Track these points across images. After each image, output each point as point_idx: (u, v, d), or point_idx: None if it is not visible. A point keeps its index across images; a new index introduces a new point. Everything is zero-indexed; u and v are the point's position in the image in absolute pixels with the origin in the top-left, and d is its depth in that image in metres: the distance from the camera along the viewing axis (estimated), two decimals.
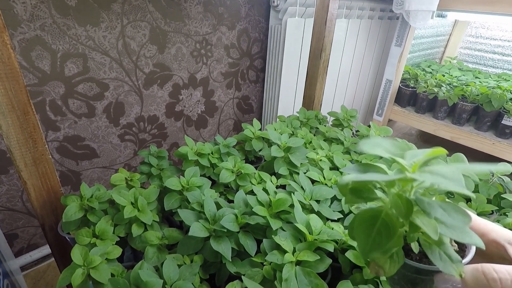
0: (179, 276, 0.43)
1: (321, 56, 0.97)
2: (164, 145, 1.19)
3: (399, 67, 1.61)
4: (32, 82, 0.82)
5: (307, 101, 1.06)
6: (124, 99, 1.01)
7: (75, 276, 0.42)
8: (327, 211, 0.58)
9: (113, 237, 0.51)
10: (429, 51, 1.95)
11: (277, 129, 0.82)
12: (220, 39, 1.15)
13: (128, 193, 0.55)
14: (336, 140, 0.87)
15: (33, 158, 0.53)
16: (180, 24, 1.02)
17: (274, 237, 0.47)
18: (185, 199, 0.58)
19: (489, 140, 1.45)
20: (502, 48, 1.83)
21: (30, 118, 0.51)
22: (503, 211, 0.65)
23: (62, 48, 0.83)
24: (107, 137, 1.02)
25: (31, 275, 0.97)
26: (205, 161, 0.68)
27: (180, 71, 1.10)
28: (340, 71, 1.50)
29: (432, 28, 1.82)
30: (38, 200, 0.56)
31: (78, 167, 1.00)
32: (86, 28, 0.85)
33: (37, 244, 1.01)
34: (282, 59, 1.21)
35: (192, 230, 0.46)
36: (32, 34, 0.78)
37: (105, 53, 0.91)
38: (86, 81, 0.91)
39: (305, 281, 0.42)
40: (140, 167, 0.67)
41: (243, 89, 1.33)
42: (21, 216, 0.94)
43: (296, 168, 0.70)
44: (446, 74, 1.72)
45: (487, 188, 0.69)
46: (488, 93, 1.41)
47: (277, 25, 1.19)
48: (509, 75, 1.71)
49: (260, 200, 0.54)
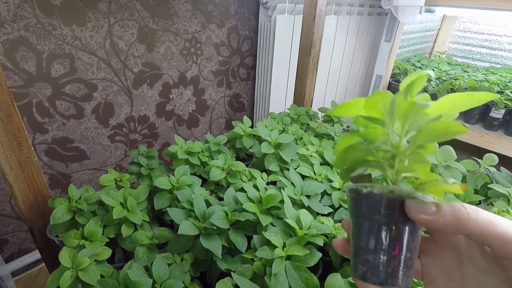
0: (169, 275, 0.43)
1: (310, 53, 0.97)
2: (156, 145, 1.18)
3: (389, 63, 1.62)
4: (17, 84, 0.81)
5: (297, 98, 1.06)
6: (113, 99, 1.00)
7: (64, 279, 0.41)
8: (317, 205, 0.58)
9: (102, 239, 0.50)
10: (418, 46, 1.97)
11: (267, 126, 0.82)
12: (209, 37, 1.14)
13: (117, 193, 0.55)
14: (326, 136, 0.88)
15: (19, 161, 0.53)
16: (169, 23, 1.02)
17: (264, 233, 0.47)
18: (175, 198, 0.58)
19: (478, 132, 1.48)
20: (489, 42, 1.86)
21: (14, 120, 0.50)
22: (490, 201, 0.66)
23: (47, 48, 0.82)
24: (96, 138, 1.01)
25: (22, 280, 0.96)
26: (196, 159, 0.68)
27: (170, 70, 1.09)
28: (331, 68, 1.51)
29: (421, 23, 1.84)
30: (25, 203, 0.56)
31: (68, 169, 0.99)
32: (72, 28, 0.84)
33: (28, 249, 1.00)
34: (273, 56, 1.21)
35: (182, 229, 0.46)
36: (16, 35, 0.77)
37: (92, 53, 0.90)
38: (74, 81, 0.90)
39: (295, 275, 0.42)
40: (130, 167, 0.67)
41: (234, 87, 1.33)
42: (10, 221, 0.93)
43: (287, 164, 0.70)
44: (435, 69, 1.74)
45: (475, 178, 0.70)
46: (476, 86, 1.43)
47: (266, 22, 1.19)
48: (497, 69, 1.74)
49: (250, 197, 0.54)
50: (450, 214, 0.22)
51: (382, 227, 0.24)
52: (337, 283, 0.42)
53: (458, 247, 0.25)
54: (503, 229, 0.21)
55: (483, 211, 0.22)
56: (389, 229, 0.24)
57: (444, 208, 0.22)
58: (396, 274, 0.23)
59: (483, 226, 0.21)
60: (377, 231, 0.24)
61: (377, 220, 0.24)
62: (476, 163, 0.72)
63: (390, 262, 0.24)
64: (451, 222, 0.22)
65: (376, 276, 0.24)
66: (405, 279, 0.24)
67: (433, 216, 0.22)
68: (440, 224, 0.22)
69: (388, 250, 0.24)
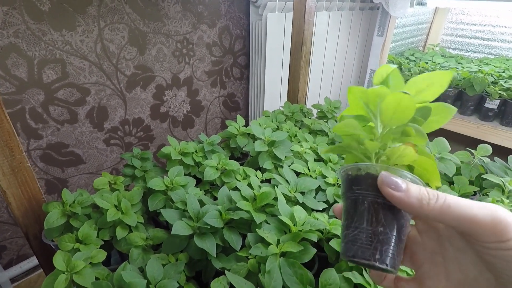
0: (164, 275, 0.43)
1: (302, 49, 0.97)
2: (151, 147, 1.18)
3: (383, 57, 1.62)
4: (9, 91, 0.81)
5: (291, 95, 1.06)
6: (107, 103, 1.00)
7: (58, 282, 0.41)
8: (312, 202, 0.58)
9: (97, 241, 0.50)
10: (411, 39, 1.97)
11: (261, 124, 0.82)
12: (201, 38, 1.14)
13: (111, 196, 0.55)
14: (321, 132, 0.88)
15: (11, 167, 0.53)
16: (159, 25, 1.01)
17: (258, 231, 0.47)
18: (170, 199, 0.58)
19: (473, 123, 1.48)
20: (482, 33, 1.86)
21: (4, 126, 0.50)
22: (484, 191, 0.67)
23: (38, 54, 0.82)
24: (92, 143, 1.01)
25: (22, 286, 0.96)
26: (189, 160, 0.68)
27: (163, 72, 1.09)
28: (324, 64, 1.51)
29: (413, 16, 1.84)
30: (19, 209, 0.56)
31: (64, 174, 0.99)
32: (62, 33, 0.84)
33: (27, 254, 1.00)
34: (265, 54, 1.21)
35: (175, 229, 0.46)
36: (6, 42, 0.76)
37: (83, 58, 0.90)
38: (66, 86, 0.90)
39: (289, 271, 0.43)
40: (124, 169, 0.67)
41: (228, 87, 1.33)
42: (8, 227, 0.93)
43: (281, 162, 0.70)
44: (429, 62, 1.75)
45: (469, 169, 0.71)
46: (470, 78, 1.43)
47: (258, 21, 1.19)
48: (490, 59, 1.74)
49: (244, 195, 0.54)
50: (416, 197, 0.23)
51: (363, 204, 0.25)
52: (332, 278, 0.42)
53: (437, 231, 0.26)
54: (457, 210, 0.21)
55: (442, 197, 0.22)
56: (369, 206, 0.25)
57: (412, 190, 0.23)
58: (382, 252, 0.24)
59: (438, 211, 0.22)
60: (359, 209, 0.25)
61: (358, 197, 0.25)
62: (470, 154, 0.72)
63: (374, 239, 0.24)
64: (414, 205, 0.23)
65: (361, 253, 0.24)
66: (392, 258, 0.24)
67: (400, 193, 0.23)
68: (405, 205, 0.23)
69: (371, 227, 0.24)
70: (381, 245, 0.24)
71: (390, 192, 0.23)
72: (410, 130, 0.24)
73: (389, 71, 0.25)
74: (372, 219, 0.24)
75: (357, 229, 0.25)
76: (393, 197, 0.23)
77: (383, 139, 0.26)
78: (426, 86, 0.24)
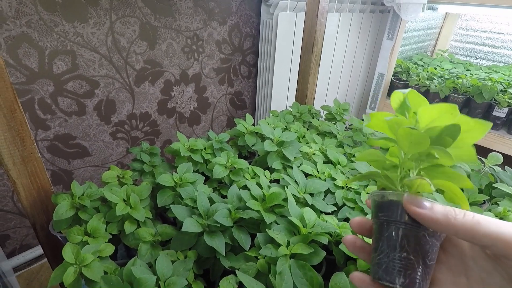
0: (173, 272, 0.43)
1: (313, 50, 0.96)
2: (157, 143, 1.18)
3: (391, 61, 1.61)
4: (19, 80, 0.81)
5: (300, 96, 1.05)
6: (115, 96, 0.99)
7: (67, 275, 0.41)
8: (321, 204, 0.58)
9: (105, 235, 0.50)
10: (420, 44, 1.96)
11: (270, 124, 0.81)
12: (211, 35, 1.14)
13: (120, 190, 0.54)
14: (329, 134, 0.87)
15: (22, 157, 0.52)
16: (171, 20, 1.01)
17: (268, 231, 0.47)
18: (178, 195, 0.58)
19: None
20: (492, 40, 1.85)
21: (17, 116, 0.50)
22: (494, 200, 0.66)
23: (49, 45, 0.82)
24: (98, 135, 1.01)
25: (24, 275, 0.96)
26: (198, 157, 0.68)
27: (172, 68, 1.09)
28: (333, 65, 1.51)
29: (423, 21, 1.83)
30: (28, 199, 0.56)
31: (70, 166, 0.99)
32: (74, 25, 0.84)
33: (30, 244, 1.00)
34: (274, 54, 1.21)
35: (185, 226, 0.46)
36: (18, 31, 0.76)
37: (94, 50, 0.90)
38: (76, 78, 0.90)
39: (299, 273, 0.42)
40: (132, 164, 0.67)
41: (236, 85, 1.32)
42: (12, 216, 0.93)
43: (290, 162, 0.70)
44: (438, 67, 1.74)
45: (479, 178, 0.70)
46: (479, 85, 1.42)
47: (268, 20, 1.18)
48: (499, 67, 1.73)
49: (254, 195, 0.54)
50: (441, 213, 0.23)
51: (387, 229, 0.25)
52: (342, 281, 0.42)
53: (461, 250, 0.26)
54: (488, 227, 0.21)
55: (470, 213, 0.22)
56: (393, 231, 0.25)
57: (437, 207, 0.23)
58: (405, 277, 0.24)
59: (468, 226, 0.22)
60: (383, 234, 0.26)
61: (383, 222, 0.26)
62: (480, 162, 0.72)
63: (398, 264, 0.25)
64: (441, 220, 0.23)
65: (386, 276, 0.25)
66: (416, 283, 0.24)
67: (425, 210, 0.23)
68: (430, 221, 0.23)
69: (395, 252, 0.25)
70: (405, 270, 0.24)
71: (415, 210, 0.23)
72: (434, 152, 0.24)
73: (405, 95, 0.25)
74: (396, 244, 0.25)
75: (382, 253, 0.25)
76: (419, 214, 0.23)
77: (405, 165, 0.26)
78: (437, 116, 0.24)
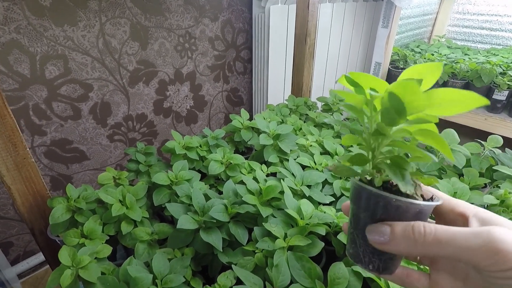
0: (170, 270, 0.42)
1: (306, 42, 0.95)
2: (155, 143, 1.18)
3: (387, 49, 1.59)
4: (12, 87, 0.80)
5: (295, 88, 1.05)
6: (110, 98, 0.99)
7: (64, 277, 0.41)
8: (318, 195, 0.57)
9: (102, 236, 0.50)
10: (417, 31, 1.94)
11: (266, 118, 0.81)
12: (203, 32, 1.13)
13: (116, 191, 0.54)
14: (326, 125, 0.86)
15: (15, 163, 0.52)
16: (161, 19, 1.00)
17: (264, 224, 0.47)
18: (174, 194, 0.57)
19: (481, 115, 1.45)
20: (489, 23, 1.83)
21: (7, 121, 0.50)
22: (495, 183, 0.65)
23: (40, 50, 0.81)
24: (95, 139, 1.01)
25: (29, 281, 0.96)
26: (194, 154, 0.67)
27: (165, 67, 1.08)
28: (329, 57, 1.49)
29: (418, 7, 1.81)
30: (24, 205, 0.55)
31: (68, 170, 0.99)
32: (64, 28, 0.83)
33: (34, 250, 1.00)
34: (268, 48, 1.20)
35: (180, 223, 0.46)
36: (8, 38, 0.76)
37: (85, 53, 0.89)
38: (69, 82, 0.89)
39: (297, 265, 0.42)
40: (128, 164, 0.66)
41: (231, 81, 1.31)
42: (14, 223, 0.93)
43: (286, 155, 0.69)
44: (435, 53, 1.72)
45: (479, 161, 0.69)
46: (478, 69, 1.40)
47: (260, 14, 1.17)
48: (498, 50, 1.71)
49: (250, 189, 0.53)
50: (402, 243, 0.22)
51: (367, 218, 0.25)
52: (341, 271, 0.41)
53: (455, 266, 0.25)
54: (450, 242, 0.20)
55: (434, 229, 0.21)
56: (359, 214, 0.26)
57: (396, 232, 0.22)
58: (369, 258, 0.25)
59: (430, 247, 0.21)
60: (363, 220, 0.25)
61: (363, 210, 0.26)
62: (480, 146, 0.70)
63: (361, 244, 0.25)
64: (402, 250, 0.22)
65: (352, 256, 0.27)
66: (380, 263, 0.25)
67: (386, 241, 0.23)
68: (394, 251, 0.23)
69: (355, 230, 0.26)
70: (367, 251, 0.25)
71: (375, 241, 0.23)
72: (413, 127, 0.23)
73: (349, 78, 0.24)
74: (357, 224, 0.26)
75: (351, 234, 0.27)
76: (380, 245, 0.23)
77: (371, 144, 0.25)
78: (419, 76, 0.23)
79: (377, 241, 0.23)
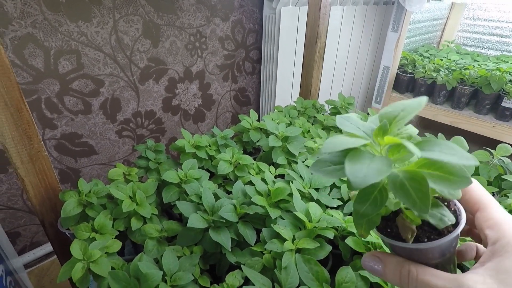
0: (179, 267, 0.43)
1: (316, 44, 0.96)
2: (163, 140, 1.19)
3: (396, 53, 1.59)
4: (26, 80, 0.81)
5: (304, 90, 1.05)
6: (120, 95, 1.00)
7: (75, 270, 0.42)
8: (326, 198, 0.58)
9: (112, 231, 0.51)
10: (426, 35, 1.93)
11: (274, 119, 0.81)
12: (214, 31, 1.13)
13: (126, 187, 0.55)
14: (334, 128, 0.87)
15: (29, 155, 0.53)
16: (173, 17, 1.01)
17: (273, 226, 0.47)
18: (184, 192, 0.58)
19: (489, 123, 1.45)
20: (500, 29, 1.81)
21: (24, 115, 0.51)
22: (503, 192, 0.65)
23: (55, 45, 0.83)
24: (104, 134, 1.02)
25: (35, 272, 0.98)
26: (203, 153, 0.68)
27: (175, 65, 1.09)
28: (337, 59, 1.49)
29: (428, 12, 1.80)
30: (36, 197, 0.56)
31: (77, 164, 1.00)
32: (78, 24, 0.84)
33: (40, 241, 1.02)
34: (278, 49, 1.20)
35: (191, 221, 0.46)
36: (24, 32, 0.77)
37: (98, 49, 0.90)
38: (81, 77, 0.90)
39: (305, 268, 0.42)
40: (137, 161, 0.67)
41: (240, 81, 1.32)
42: (22, 214, 0.94)
43: (294, 157, 0.69)
44: (444, 58, 1.71)
45: (487, 170, 0.69)
46: (487, 76, 1.39)
47: (271, 15, 1.17)
48: (508, 57, 1.69)
49: (259, 190, 0.54)
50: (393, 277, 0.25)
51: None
52: (348, 275, 0.42)
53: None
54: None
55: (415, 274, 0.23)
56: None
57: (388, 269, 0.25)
58: None
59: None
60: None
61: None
62: (489, 154, 0.70)
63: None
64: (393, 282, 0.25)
65: None
66: None
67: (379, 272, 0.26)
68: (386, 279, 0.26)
69: None
70: None
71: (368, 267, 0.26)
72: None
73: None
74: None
75: None
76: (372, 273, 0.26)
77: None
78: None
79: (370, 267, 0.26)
